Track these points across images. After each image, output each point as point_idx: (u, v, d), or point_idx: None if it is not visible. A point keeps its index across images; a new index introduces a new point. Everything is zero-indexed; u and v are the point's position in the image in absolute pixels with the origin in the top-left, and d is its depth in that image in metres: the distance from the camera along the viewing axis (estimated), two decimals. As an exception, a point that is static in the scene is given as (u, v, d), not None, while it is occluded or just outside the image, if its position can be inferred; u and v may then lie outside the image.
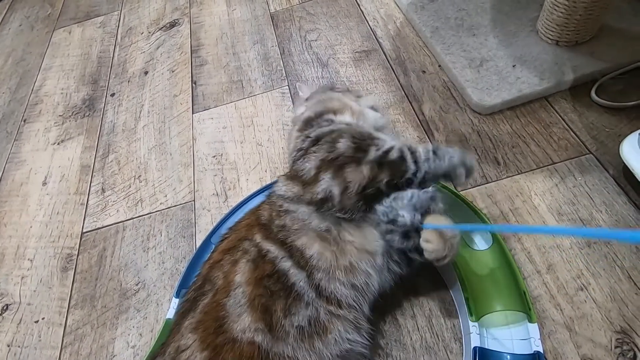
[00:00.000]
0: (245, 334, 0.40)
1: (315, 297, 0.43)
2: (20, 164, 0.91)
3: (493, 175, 0.65)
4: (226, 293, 0.43)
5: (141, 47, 1.10)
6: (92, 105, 0.99)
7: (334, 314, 0.43)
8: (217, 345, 0.40)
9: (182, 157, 0.83)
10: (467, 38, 0.82)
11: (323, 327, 0.42)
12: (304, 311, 0.42)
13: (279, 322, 0.41)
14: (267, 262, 0.44)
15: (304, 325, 0.41)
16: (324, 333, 0.42)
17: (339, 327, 0.42)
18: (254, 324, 0.41)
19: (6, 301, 0.70)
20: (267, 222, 0.47)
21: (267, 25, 1.04)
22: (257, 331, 0.40)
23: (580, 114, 0.68)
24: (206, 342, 0.40)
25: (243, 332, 0.40)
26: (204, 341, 0.40)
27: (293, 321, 0.41)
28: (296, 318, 0.41)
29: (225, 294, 0.43)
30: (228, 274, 0.44)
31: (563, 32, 0.73)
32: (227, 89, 0.93)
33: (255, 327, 0.40)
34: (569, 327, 0.50)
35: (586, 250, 0.55)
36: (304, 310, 0.42)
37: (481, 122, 0.72)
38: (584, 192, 0.60)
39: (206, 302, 0.43)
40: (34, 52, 1.19)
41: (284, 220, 0.46)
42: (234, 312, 0.41)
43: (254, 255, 0.44)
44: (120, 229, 0.74)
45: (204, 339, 0.41)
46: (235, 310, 0.41)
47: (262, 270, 0.43)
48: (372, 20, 0.97)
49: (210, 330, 0.41)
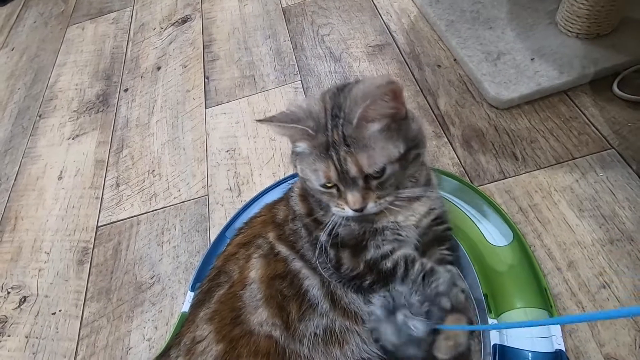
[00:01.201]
0: (262, 328, 0.40)
1: (329, 309, 0.42)
2: (36, 158, 0.92)
3: (511, 170, 0.64)
4: (242, 286, 0.43)
5: (154, 42, 1.11)
6: (106, 100, 1.00)
7: (349, 329, 0.42)
8: (233, 338, 0.40)
9: (196, 151, 0.83)
10: (484, 31, 0.81)
11: (339, 339, 0.41)
12: (318, 320, 0.41)
13: (294, 324, 0.40)
14: (279, 260, 0.43)
15: (319, 334, 0.41)
16: (341, 345, 0.41)
17: (356, 340, 0.42)
18: (271, 319, 0.40)
19: (24, 293, 0.71)
20: (282, 222, 0.47)
21: (279, 20, 1.04)
22: (275, 326, 0.40)
23: (601, 108, 0.67)
24: (222, 334, 0.40)
25: (260, 325, 0.40)
26: (219, 332, 0.40)
27: (308, 326, 0.41)
28: (311, 324, 0.41)
29: (241, 286, 0.43)
30: (243, 268, 0.44)
31: (584, 24, 0.71)
32: (240, 84, 0.92)
33: (273, 322, 0.40)
34: (591, 325, 0.48)
35: (609, 247, 0.54)
36: (318, 319, 0.41)
37: (498, 117, 0.71)
38: (606, 188, 0.59)
39: (222, 292, 0.43)
40: (48, 49, 1.20)
41: (297, 225, 0.46)
42: (250, 304, 0.41)
43: (266, 250, 0.44)
44: (135, 223, 0.75)
45: (220, 330, 0.40)
46: (252, 302, 0.41)
47: (274, 268, 0.43)
48: (386, 14, 0.95)
49: (226, 320, 0.41)
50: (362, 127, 0.37)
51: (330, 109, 0.39)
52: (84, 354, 0.62)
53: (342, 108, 0.38)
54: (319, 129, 0.38)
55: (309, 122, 0.38)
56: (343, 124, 0.37)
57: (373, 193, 0.38)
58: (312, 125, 0.38)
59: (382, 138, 0.37)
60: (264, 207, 0.52)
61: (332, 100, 0.39)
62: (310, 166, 0.39)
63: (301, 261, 0.43)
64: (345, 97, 0.39)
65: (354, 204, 0.38)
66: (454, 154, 0.68)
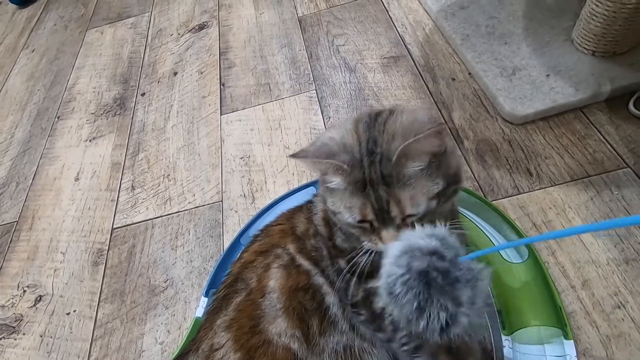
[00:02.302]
0: (281, 338, 0.40)
1: (348, 330, 0.42)
2: (53, 159, 0.94)
3: (525, 186, 0.64)
4: (261, 294, 0.43)
5: (171, 48, 1.13)
6: (123, 104, 1.02)
7: (367, 351, 0.43)
8: (251, 347, 0.40)
9: (210, 157, 0.84)
10: (499, 46, 0.81)
11: (357, 358, 0.42)
12: (339, 337, 0.41)
13: (315, 338, 0.41)
14: (301, 272, 0.44)
15: (339, 350, 0.41)
16: None
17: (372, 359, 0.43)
18: (291, 330, 0.41)
19: (40, 292, 0.72)
20: (302, 236, 0.47)
21: (295, 29, 1.05)
22: (294, 338, 0.40)
23: (617, 127, 0.67)
24: (240, 343, 0.41)
25: (279, 336, 0.40)
26: (237, 341, 0.41)
27: (328, 342, 0.41)
28: (331, 340, 0.41)
29: (260, 294, 0.43)
30: (262, 277, 0.44)
31: (600, 42, 0.71)
32: (255, 92, 0.94)
33: (292, 334, 0.41)
34: (605, 346, 0.48)
35: (624, 267, 0.53)
36: (339, 336, 0.42)
37: (513, 132, 0.71)
38: (621, 207, 0.59)
39: (239, 300, 0.44)
40: (67, 51, 1.23)
41: (320, 244, 0.46)
42: (269, 314, 0.41)
43: (286, 261, 0.44)
44: (150, 226, 0.76)
45: (238, 339, 0.41)
46: (271, 312, 0.42)
47: (296, 280, 0.43)
48: (401, 27, 0.97)
49: (244, 329, 0.41)
50: (402, 165, 0.35)
51: (366, 142, 0.36)
52: (97, 355, 0.62)
53: (378, 143, 0.36)
54: (354, 164, 0.36)
55: (344, 156, 0.36)
56: (381, 160, 0.35)
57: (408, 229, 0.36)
58: (347, 159, 0.36)
59: (422, 176, 0.35)
60: (281, 216, 0.52)
61: (367, 133, 0.37)
62: (344, 202, 0.37)
63: (323, 277, 0.43)
64: (380, 131, 0.37)
65: (389, 241, 0.36)
66: (468, 168, 0.68)
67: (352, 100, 0.85)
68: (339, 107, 0.85)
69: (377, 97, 0.84)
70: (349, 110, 0.84)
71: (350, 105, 0.85)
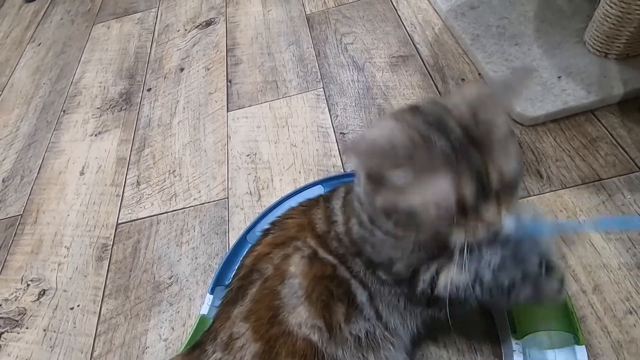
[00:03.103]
0: (301, 329, 0.39)
1: (374, 318, 0.42)
2: (59, 153, 0.94)
3: (535, 189, 0.63)
4: (280, 280, 0.41)
5: (177, 44, 1.12)
6: (129, 99, 1.01)
7: (386, 338, 0.42)
8: (271, 337, 0.39)
9: (216, 154, 0.83)
10: (510, 47, 0.81)
11: (377, 343, 0.41)
12: (362, 323, 0.41)
13: (339, 326, 0.40)
14: (327, 264, 0.42)
15: (361, 337, 0.41)
16: (377, 348, 0.41)
17: (390, 347, 0.42)
18: (312, 320, 0.39)
19: (43, 286, 0.71)
20: (323, 235, 0.44)
21: (303, 26, 1.05)
22: (314, 328, 0.39)
23: (629, 130, 0.66)
24: (259, 333, 0.40)
25: (299, 327, 0.39)
26: (257, 331, 0.40)
27: (351, 329, 0.40)
28: (355, 327, 0.41)
29: (279, 280, 0.41)
30: (280, 265, 0.43)
31: (613, 44, 0.71)
32: (262, 89, 0.93)
33: (313, 324, 0.39)
34: (617, 352, 0.48)
35: (636, 271, 0.53)
36: (363, 322, 0.41)
37: (523, 134, 0.70)
38: (634, 211, 0.58)
39: (255, 290, 0.43)
40: (74, 46, 1.23)
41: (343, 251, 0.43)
42: (289, 303, 0.40)
43: (308, 253, 0.43)
44: (155, 222, 0.75)
45: (257, 329, 0.40)
46: (291, 300, 0.40)
47: (322, 270, 0.41)
48: (410, 26, 0.96)
49: (264, 320, 0.40)
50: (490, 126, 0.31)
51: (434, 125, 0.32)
52: (100, 351, 0.62)
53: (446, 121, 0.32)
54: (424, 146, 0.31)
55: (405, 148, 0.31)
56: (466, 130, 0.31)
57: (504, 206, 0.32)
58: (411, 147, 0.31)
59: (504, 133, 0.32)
60: (295, 210, 0.50)
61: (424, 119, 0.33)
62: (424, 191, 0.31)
63: (349, 273, 0.42)
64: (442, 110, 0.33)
65: (494, 219, 0.32)
66: (477, 169, 0.68)
67: (360, 98, 0.85)
68: (346, 105, 0.84)
69: (386, 96, 0.83)
70: (356, 109, 0.83)
71: (358, 104, 0.84)
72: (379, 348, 0.41)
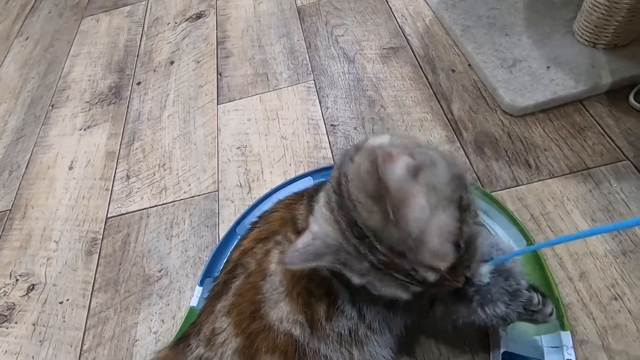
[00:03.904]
0: (282, 324, 0.39)
1: (357, 318, 0.41)
2: (47, 147, 0.93)
3: (524, 178, 0.63)
4: (262, 276, 0.41)
5: (167, 37, 1.11)
6: (119, 93, 1.00)
7: (371, 336, 0.42)
8: (252, 332, 0.39)
9: (207, 147, 0.83)
10: (500, 38, 0.80)
11: (360, 340, 0.41)
12: (345, 321, 0.41)
13: (320, 323, 0.40)
14: None
15: (343, 333, 0.40)
16: (361, 344, 0.41)
17: (374, 344, 0.42)
18: (293, 315, 0.39)
19: (32, 281, 0.71)
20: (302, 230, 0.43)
21: (294, 19, 1.04)
22: (296, 324, 0.39)
23: (617, 119, 0.66)
24: (240, 328, 0.40)
25: (280, 322, 0.39)
26: (238, 326, 0.40)
27: (333, 327, 0.40)
28: (337, 324, 0.40)
29: (261, 276, 0.42)
30: (262, 261, 0.43)
31: (602, 34, 0.71)
32: (252, 82, 0.93)
33: (294, 319, 0.39)
34: (602, 337, 0.48)
35: (621, 259, 0.53)
36: (345, 320, 0.41)
37: (512, 124, 0.70)
38: (620, 199, 0.58)
39: (238, 284, 0.43)
40: (62, 39, 1.21)
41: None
42: (271, 298, 0.40)
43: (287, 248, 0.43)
44: (144, 215, 0.75)
45: (239, 324, 0.40)
46: (273, 296, 0.40)
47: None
48: (401, 17, 0.95)
49: (245, 314, 0.40)
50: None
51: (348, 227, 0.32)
52: (90, 344, 0.62)
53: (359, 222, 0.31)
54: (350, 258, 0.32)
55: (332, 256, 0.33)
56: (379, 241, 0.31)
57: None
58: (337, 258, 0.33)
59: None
60: (280, 203, 0.50)
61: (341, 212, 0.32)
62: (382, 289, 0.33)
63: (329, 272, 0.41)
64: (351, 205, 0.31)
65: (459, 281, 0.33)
66: (466, 160, 0.68)
67: (351, 90, 0.84)
68: (337, 97, 0.84)
69: (376, 87, 0.83)
70: (347, 101, 0.83)
71: (348, 96, 0.84)
72: (363, 344, 0.41)
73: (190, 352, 0.42)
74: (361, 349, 0.42)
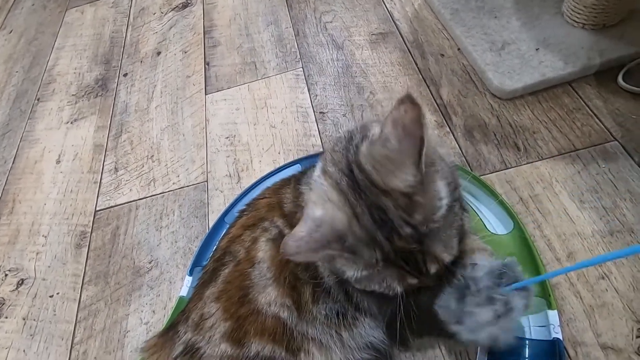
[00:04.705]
0: (270, 308, 0.39)
1: (344, 300, 0.41)
2: (34, 142, 0.91)
3: (513, 161, 0.63)
4: (250, 264, 0.42)
5: (154, 27, 1.09)
6: (105, 85, 0.99)
7: (359, 319, 0.42)
8: (241, 316, 0.39)
9: (195, 138, 0.82)
10: (489, 20, 0.80)
11: (350, 323, 0.41)
12: (332, 304, 0.41)
13: (307, 305, 0.40)
14: None
15: (331, 316, 0.40)
16: (351, 327, 0.41)
17: (364, 326, 0.42)
18: (281, 299, 0.40)
19: (21, 276, 0.70)
20: (290, 215, 0.44)
21: (282, 6, 1.02)
22: (284, 307, 0.40)
23: (605, 100, 0.66)
24: (229, 312, 0.40)
25: (268, 305, 0.40)
26: (227, 310, 0.40)
27: (320, 309, 0.40)
28: (324, 307, 0.40)
29: (249, 264, 0.42)
30: (250, 249, 0.43)
31: (590, 14, 0.70)
32: (241, 71, 0.91)
33: (282, 302, 0.40)
34: (588, 315, 0.49)
35: (608, 238, 0.53)
36: (332, 303, 0.41)
37: (501, 107, 0.70)
38: (608, 180, 0.58)
39: (227, 271, 0.43)
40: (46, 32, 1.19)
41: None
42: (259, 283, 0.40)
43: (274, 235, 0.43)
44: (133, 207, 0.74)
45: (227, 309, 0.40)
46: (261, 281, 0.40)
47: None
48: (389, 2, 0.94)
49: (234, 299, 0.40)
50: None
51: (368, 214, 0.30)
52: (81, 337, 0.62)
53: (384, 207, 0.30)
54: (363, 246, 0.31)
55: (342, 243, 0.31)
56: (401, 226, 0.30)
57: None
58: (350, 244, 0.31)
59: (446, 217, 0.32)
60: (267, 190, 0.50)
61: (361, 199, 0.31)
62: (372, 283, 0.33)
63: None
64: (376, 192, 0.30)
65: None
66: (456, 144, 0.68)
67: (340, 77, 0.84)
68: (326, 84, 0.83)
69: (365, 74, 0.82)
70: (336, 88, 0.82)
71: (337, 83, 0.83)
72: (352, 326, 0.41)
73: (179, 338, 0.42)
74: (350, 331, 0.42)
